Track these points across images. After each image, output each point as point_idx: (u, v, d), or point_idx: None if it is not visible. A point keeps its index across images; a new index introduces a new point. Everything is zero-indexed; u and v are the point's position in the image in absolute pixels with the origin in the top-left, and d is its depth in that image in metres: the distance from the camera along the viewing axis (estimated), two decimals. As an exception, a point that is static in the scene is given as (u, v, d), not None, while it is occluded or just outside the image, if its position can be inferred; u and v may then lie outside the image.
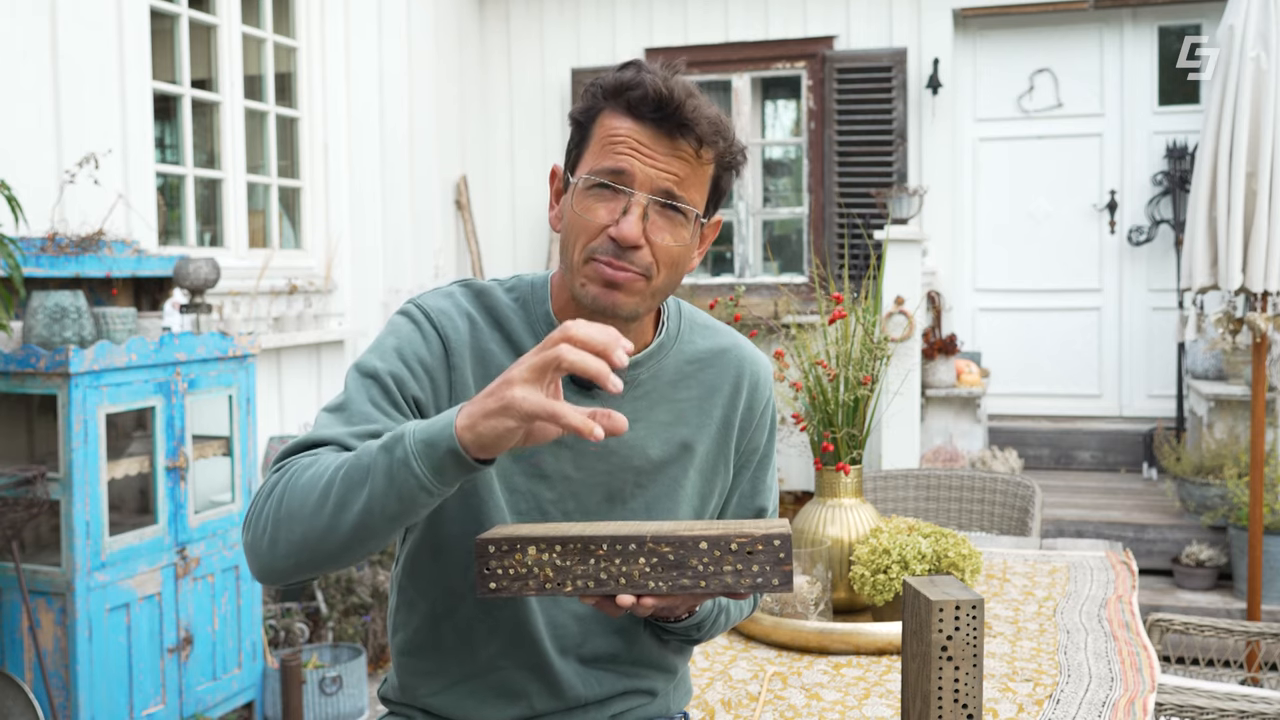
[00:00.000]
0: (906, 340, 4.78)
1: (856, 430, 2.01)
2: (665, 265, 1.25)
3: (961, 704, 1.16)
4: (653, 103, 1.22)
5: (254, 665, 3.47)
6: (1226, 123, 3.50)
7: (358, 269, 4.99)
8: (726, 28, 5.94)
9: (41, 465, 2.83)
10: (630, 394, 1.34)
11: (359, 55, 4.97)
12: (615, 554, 1.12)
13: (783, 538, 1.11)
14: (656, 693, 1.44)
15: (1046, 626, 1.90)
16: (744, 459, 1.44)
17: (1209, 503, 4.58)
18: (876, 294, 2.04)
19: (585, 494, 1.33)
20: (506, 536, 1.14)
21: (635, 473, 1.34)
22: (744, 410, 1.41)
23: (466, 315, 1.32)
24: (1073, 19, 5.83)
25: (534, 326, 1.32)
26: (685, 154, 1.24)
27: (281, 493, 1.15)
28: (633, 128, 1.23)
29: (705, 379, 1.39)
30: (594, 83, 1.27)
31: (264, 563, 1.16)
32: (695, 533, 1.13)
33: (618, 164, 1.22)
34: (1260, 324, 3.52)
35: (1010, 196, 5.99)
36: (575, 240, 1.25)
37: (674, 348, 1.38)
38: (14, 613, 2.89)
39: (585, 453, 1.32)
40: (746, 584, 1.12)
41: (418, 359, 1.27)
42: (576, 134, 1.29)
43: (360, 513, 1.08)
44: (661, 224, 1.24)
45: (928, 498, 2.98)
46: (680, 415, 1.37)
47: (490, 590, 1.14)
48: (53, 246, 3.06)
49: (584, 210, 1.24)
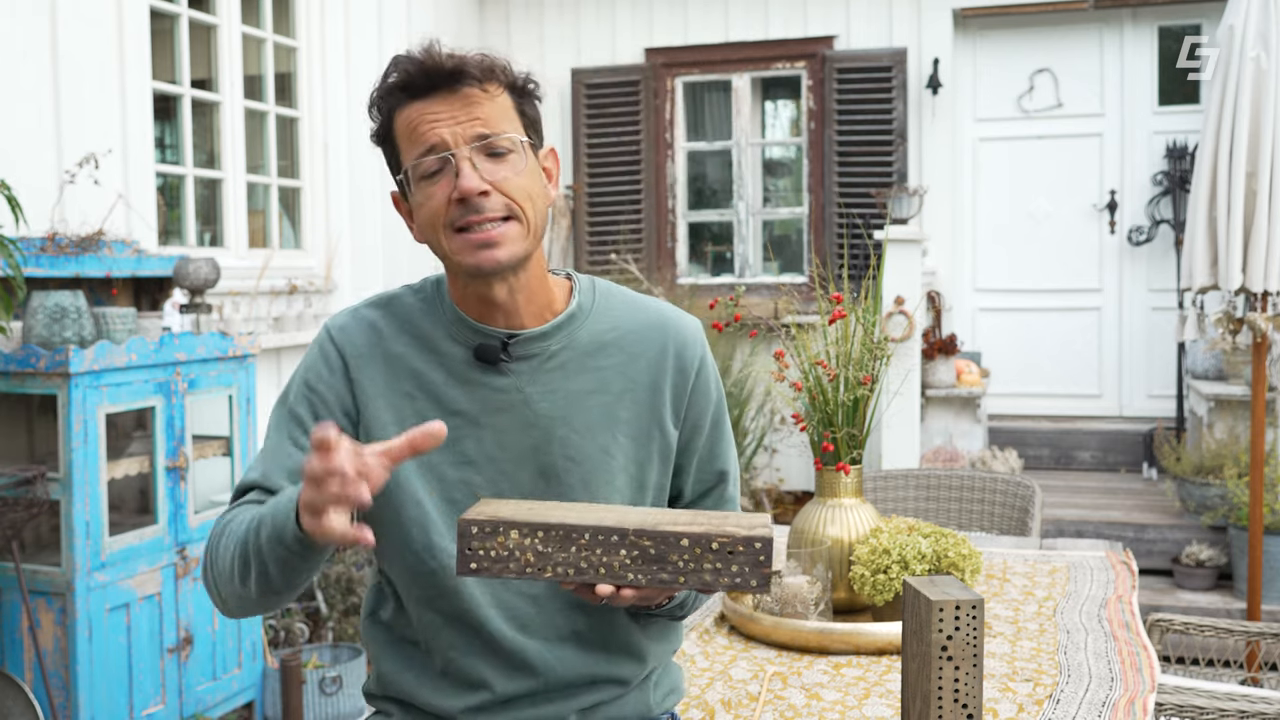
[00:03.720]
0: (906, 340, 4.78)
1: (856, 430, 2.01)
2: (522, 199, 1.28)
3: (961, 704, 1.16)
4: (420, 74, 1.27)
5: (254, 665, 3.47)
6: (1226, 123, 3.50)
7: (358, 269, 4.99)
8: (726, 28, 5.94)
9: (41, 465, 2.83)
10: (544, 365, 1.35)
11: (359, 55, 4.97)
12: (597, 544, 1.14)
13: (764, 540, 1.12)
14: (628, 681, 1.42)
15: (1046, 626, 1.90)
16: (693, 424, 1.42)
17: (1209, 503, 4.58)
18: (876, 294, 2.04)
19: (516, 472, 1.34)
20: (489, 519, 1.15)
21: (561, 444, 1.34)
22: (674, 373, 1.40)
23: (369, 326, 1.39)
24: (1073, 19, 5.83)
25: (439, 316, 1.37)
26: (474, 97, 1.27)
27: (212, 559, 1.30)
28: (420, 106, 1.27)
29: (626, 345, 1.38)
30: (373, 97, 1.32)
31: (220, 606, 1.32)
32: (678, 528, 1.14)
33: (426, 141, 1.27)
34: (1260, 324, 3.52)
35: (1010, 196, 5.98)
36: (434, 227, 1.29)
37: (588, 319, 1.38)
38: (14, 613, 2.89)
39: (506, 429, 1.34)
40: (725, 583, 1.13)
41: (322, 382, 1.36)
42: (387, 150, 1.33)
43: (266, 582, 1.22)
44: (493, 165, 1.27)
45: (928, 498, 2.98)
46: (602, 383, 1.36)
47: (470, 570, 1.16)
48: (53, 246, 3.06)
49: (426, 198, 1.28)
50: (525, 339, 1.34)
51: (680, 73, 6.03)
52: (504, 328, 1.34)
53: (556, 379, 1.35)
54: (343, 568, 4.14)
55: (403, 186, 1.33)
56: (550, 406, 1.34)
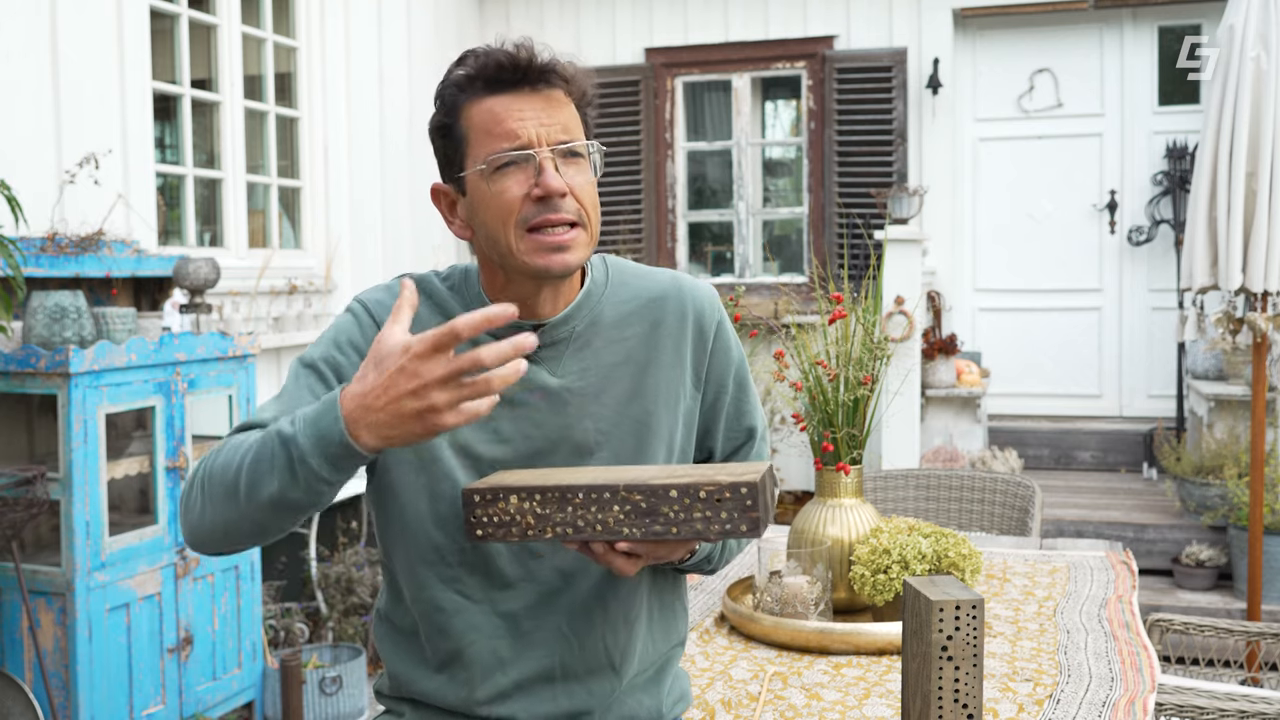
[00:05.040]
0: (906, 340, 4.78)
1: (856, 430, 2.01)
2: (590, 206, 1.30)
3: (961, 704, 1.16)
4: (509, 70, 1.26)
5: (254, 665, 3.47)
6: (1226, 123, 3.50)
7: (358, 269, 4.98)
8: (726, 28, 5.94)
9: (41, 465, 2.83)
10: (571, 347, 1.35)
11: (359, 55, 4.97)
12: (591, 502, 1.18)
13: (750, 485, 1.15)
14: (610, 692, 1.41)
15: (1046, 626, 1.90)
16: (717, 385, 1.45)
17: (1209, 503, 4.58)
18: (876, 294, 2.04)
19: (550, 450, 1.34)
20: (490, 486, 1.21)
21: (594, 419, 1.35)
22: (694, 337, 1.42)
23: None
24: (1073, 19, 5.83)
25: (469, 307, 1.35)
26: (557, 100, 1.29)
27: (206, 473, 1.21)
28: (504, 100, 1.27)
29: (647, 314, 1.40)
30: (443, 87, 1.31)
31: (193, 534, 1.23)
32: (665, 480, 1.17)
33: (513, 136, 1.26)
34: (1260, 324, 3.52)
35: (1010, 196, 5.98)
36: (503, 223, 1.27)
37: (605, 293, 1.39)
38: (14, 613, 2.89)
39: (539, 407, 1.34)
40: (716, 530, 1.16)
41: (351, 344, 1.33)
42: (446, 143, 1.31)
43: (269, 501, 1.14)
44: (571, 171, 1.28)
45: (928, 498, 2.98)
46: (628, 354, 1.38)
47: (478, 537, 1.22)
48: (53, 246, 3.06)
49: (501, 191, 1.26)
50: (552, 325, 1.34)
51: (680, 73, 6.03)
52: (531, 318, 1.35)
53: (585, 357, 1.36)
54: (343, 568, 4.15)
55: (456, 180, 1.31)
56: (582, 384, 1.35)
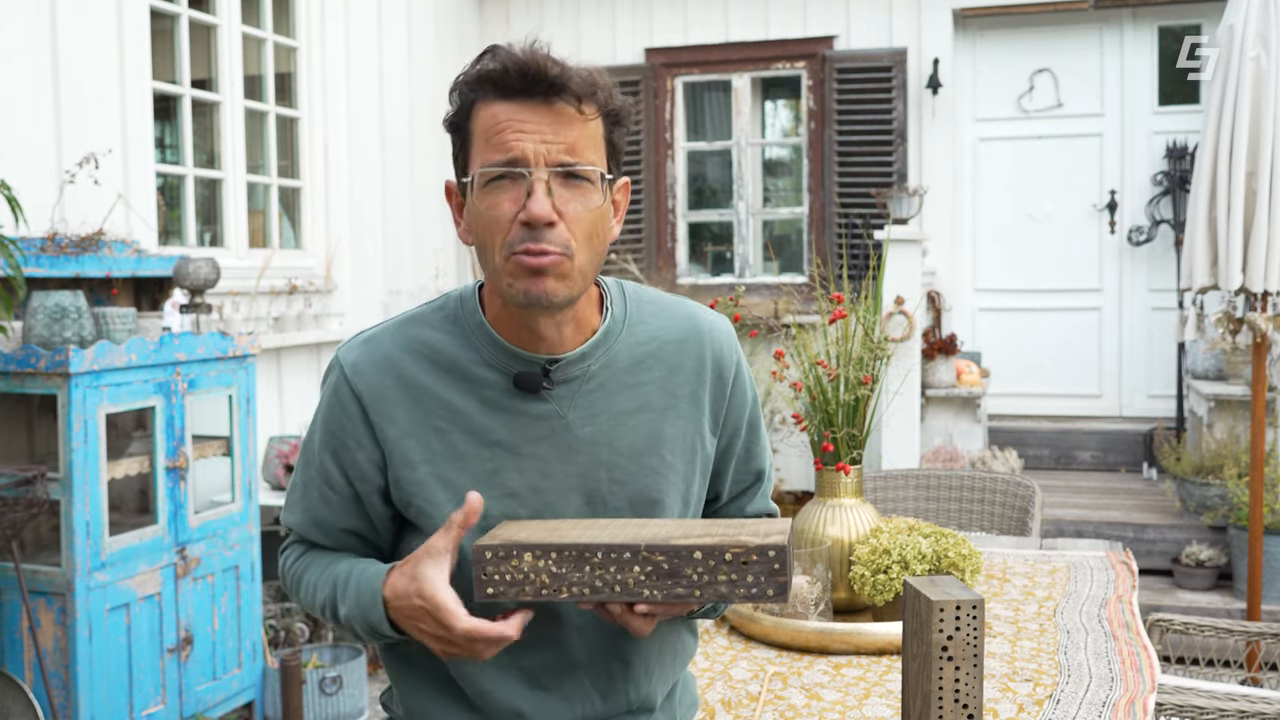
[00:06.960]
0: (906, 340, 4.78)
1: (856, 430, 2.01)
2: (584, 237, 1.20)
3: (962, 704, 1.16)
4: (517, 76, 1.17)
5: (254, 665, 3.47)
6: (1226, 123, 3.50)
7: (357, 269, 4.98)
8: (726, 28, 5.94)
9: (41, 465, 2.83)
10: (584, 387, 1.28)
11: (359, 55, 4.97)
12: (610, 562, 1.12)
13: (778, 549, 1.10)
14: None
15: (1046, 626, 1.90)
16: (731, 430, 1.38)
17: (1209, 503, 4.57)
18: (876, 294, 2.04)
19: (560, 502, 1.28)
20: (504, 543, 1.14)
21: (607, 469, 1.28)
22: (713, 382, 1.34)
23: (385, 360, 1.28)
24: (1073, 19, 5.83)
25: (470, 340, 1.28)
26: (568, 116, 1.18)
27: (293, 592, 1.38)
28: (509, 109, 1.18)
29: (665, 357, 1.32)
30: (458, 81, 1.23)
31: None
32: (690, 541, 1.12)
33: (507, 149, 1.18)
34: (1260, 324, 3.52)
35: (1010, 196, 5.98)
36: (490, 241, 1.20)
37: (624, 331, 1.31)
38: (14, 613, 2.89)
39: (549, 458, 1.27)
40: (741, 594, 1.11)
41: (343, 431, 1.30)
42: (457, 139, 1.25)
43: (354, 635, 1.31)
44: (568, 195, 1.19)
45: (928, 498, 2.98)
46: (644, 401, 1.30)
47: (488, 595, 1.15)
48: (53, 246, 3.06)
49: (489, 207, 1.19)
50: (566, 363, 1.27)
51: (680, 73, 6.03)
52: (543, 352, 1.27)
53: (598, 400, 1.28)
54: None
55: (462, 183, 1.25)
56: (593, 431, 1.27)
